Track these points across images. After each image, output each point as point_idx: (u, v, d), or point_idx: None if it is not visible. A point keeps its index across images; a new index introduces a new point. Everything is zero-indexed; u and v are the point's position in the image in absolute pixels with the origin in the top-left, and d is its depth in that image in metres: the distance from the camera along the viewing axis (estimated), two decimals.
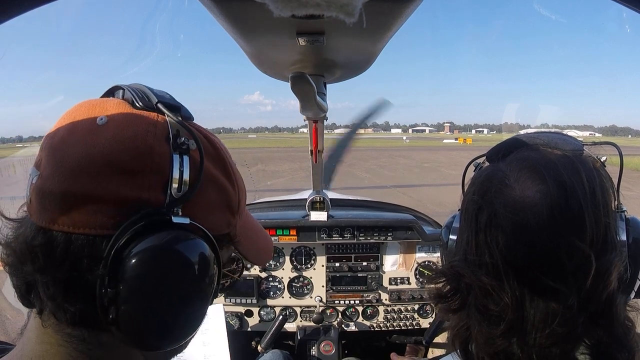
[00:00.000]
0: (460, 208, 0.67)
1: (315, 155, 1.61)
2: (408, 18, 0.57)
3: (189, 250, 0.46)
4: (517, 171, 0.59)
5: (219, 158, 0.53)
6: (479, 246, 0.59)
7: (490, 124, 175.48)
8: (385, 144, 61.98)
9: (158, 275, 0.44)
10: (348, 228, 1.88)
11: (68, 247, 0.43)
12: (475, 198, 0.62)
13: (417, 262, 1.97)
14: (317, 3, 0.39)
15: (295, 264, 1.94)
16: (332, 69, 0.81)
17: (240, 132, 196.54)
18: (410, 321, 1.98)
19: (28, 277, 0.45)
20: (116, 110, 0.47)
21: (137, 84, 0.52)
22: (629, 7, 0.48)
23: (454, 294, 0.63)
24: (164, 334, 0.46)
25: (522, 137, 0.66)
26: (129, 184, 0.44)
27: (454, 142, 76.72)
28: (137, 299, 0.43)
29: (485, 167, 0.67)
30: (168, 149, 0.46)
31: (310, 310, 1.97)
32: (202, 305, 0.49)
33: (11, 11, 0.44)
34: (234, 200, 0.54)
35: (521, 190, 0.57)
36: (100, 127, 0.45)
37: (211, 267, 0.48)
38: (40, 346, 0.47)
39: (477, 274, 0.58)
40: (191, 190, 0.46)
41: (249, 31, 0.60)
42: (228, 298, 1.91)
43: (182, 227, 0.45)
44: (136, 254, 0.42)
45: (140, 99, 0.49)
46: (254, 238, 0.62)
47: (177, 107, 0.50)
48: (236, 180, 0.55)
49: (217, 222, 0.52)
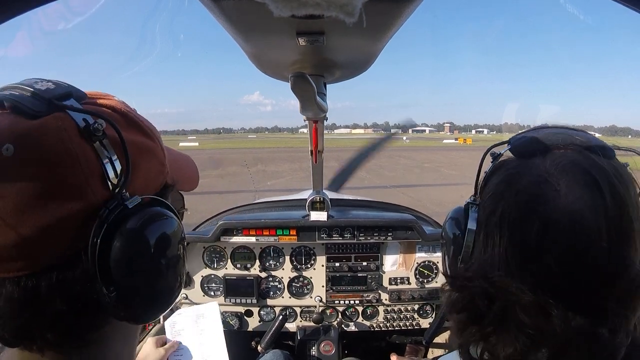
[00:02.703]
0: (481, 205, 0.60)
1: (315, 155, 1.61)
2: (408, 18, 0.57)
3: (156, 223, 0.49)
4: (569, 177, 0.53)
5: (129, 120, 0.52)
6: (526, 259, 0.53)
7: (490, 124, 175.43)
8: (385, 144, 61.85)
9: (144, 256, 0.47)
10: (348, 228, 1.88)
11: (51, 284, 0.42)
12: (519, 203, 0.54)
13: (417, 262, 1.97)
14: (317, 3, 0.39)
15: (295, 264, 1.94)
16: (332, 69, 0.81)
17: (240, 132, 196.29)
18: (410, 321, 1.98)
19: (22, 328, 0.44)
20: (14, 132, 0.41)
21: (8, 86, 0.46)
22: (629, 7, 0.48)
23: (491, 314, 0.54)
24: (167, 292, 0.52)
25: (557, 132, 0.60)
26: (73, 199, 0.43)
27: (454, 142, 76.69)
28: (132, 285, 0.46)
29: (520, 165, 0.58)
30: (87, 143, 0.44)
31: (310, 310, 1.97)
32: (182, 258, 0.54)
33: (11, 11, 0.44)
34: (159, 151, 0.55)
35: (576, 200, 0.51)
36: (9, 159, 0.40)
37: (177, 224, 0.52)
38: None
39: (523, 290, 0.51)
40: (126, 169, 0.46)
41: (249, 31, 0.60)
42: (228, 298, 1.91)
43: (138, 207, 0.47)
44: (116, 250, 0.44)
45: (30, 104, 0.43)
46: (180, 168, 0.64)
47: (67, 93, 0.46)
48: (152, 130, 0.55)
49: (155, 180, 0.54)
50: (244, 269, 1.93)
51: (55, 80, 0.48)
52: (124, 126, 0.50)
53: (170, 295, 0.53)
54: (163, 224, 0.50)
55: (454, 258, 0.65)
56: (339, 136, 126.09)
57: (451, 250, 0.66)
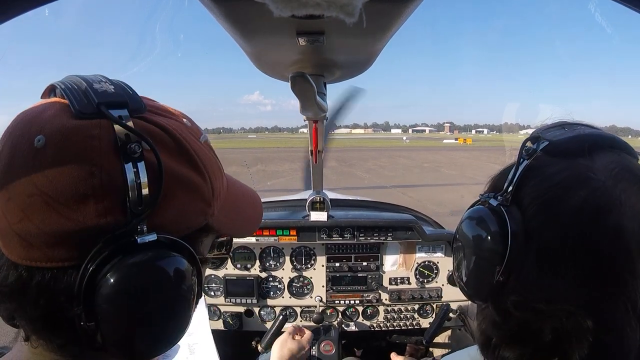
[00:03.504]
0: (522, 208, 0.53)
1: (315, 155, 1.61)
2: (408, 18, 0.57)
3: (159, 271, 0.43)
4: (624, 185, 0.49)
5: (181, 148, 0.47)
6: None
7: (490, 124, 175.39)
8: (385, 144, 61.94)
9: (133, 302, 0.42)
10: (348, 228, 1.88)
11: (40, 284, 0.41)
12: (584, 221, 0.48)
13: (417, 262, 1.97)
14: (317, 3, 0.39)
15: (295, 264, 1.94)
16: (332, 69, 0.81)
17: (240, 132, 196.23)
18: (410, 321, 1.98)
19: (10, 312, 0.45)
20: (52, 126, 0.41)
21: (74, 76, 0.46)
22: (629, 7, 0.48)
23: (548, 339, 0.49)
24: (152, 347, 0.46)
25: (590, 130, 0.56)
26: (83, 212, 0.40)
27: (454, 142, 76.69)
28: (117, 327, 0.42)
29: (570, 167, 0.52)
30: (118, 161, 0.41)
31: (311, 310, 1.97)
32: (185, 312, 0.47)
33: (11, 11, 0.44)
34: (206, 190, 0.49)
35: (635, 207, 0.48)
36: (38, 151, 0.40)
37: (187, 278, 0.46)
38: (36, 356, 0.46)
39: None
40: (153, 200, 0.42)
41: (249, 31, 0.60)
42: (228, 298, 1.91)
43: (149, 246, 0.42)
44: (106, 285, 0.40)
45: (78, 102, 0.42)
46: (238, 211, 0.58)
47: (122, 102, 0.44)
48: (205, 165, 0.49)
49: (191, 220, 0.48)
50: (244, 269, 1.93)
51: (121, 84, 0.46)
52: (171, 153, 0.46)
53: (151, 350, 0.46)
54: (165, 273, 0.43)
55: (487, 269, 0.54)
56: (339, 136, 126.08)
57: (481, 259, 0.56)
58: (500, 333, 0.54)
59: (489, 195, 0.58)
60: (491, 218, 0.55)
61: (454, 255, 0.65)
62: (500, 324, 0.53)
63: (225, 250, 0.60)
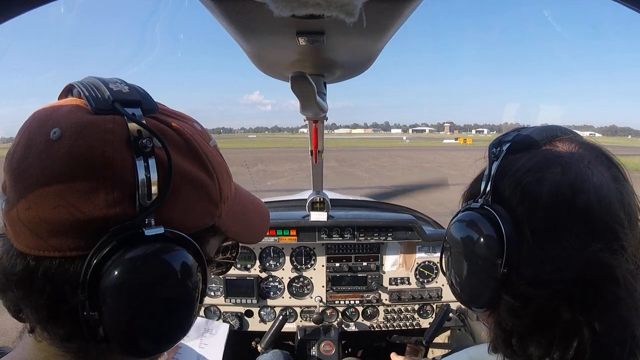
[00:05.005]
0: (506, 203, 0.55)
1: (315, 155, 1.61)
2: (408, 18, 0.57)
3: (165, 263, 0.44)
4: (594, 158, 0.56)
5: (190, 148, 0.49)
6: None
7: (490, 124, 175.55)
8: (385, 144, 61.94)
9: (137, 294, 0.42)
10: (348, 228, 1.88)
11: (46, 273, 0.42)
12: (565, 185, 0.52)
13: (417, 263, 1.97)
14: (317, 3, 0.39)
15: (295, 264, 1.94)
16: (332, 69, 0.81)
17: (240, 132, 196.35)
18: (410, 321, 1.98)
19: (15, 301, 0.45)
20: (68, 120, 0.43)
21: (91, 77, 0.48)
22: (629, 7, 0.48)
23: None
24: (154, 343, 0.46)
25: (545, 127, 0.62)
26: (93, 203, 0.41)
27: (454, 142, 76.72)
28: (120, 319, 0.42)
29: (539, 154, 0.56)
30: (130, 155, 0.42)
31: (311, 311, 1.97)
32: (189, 309, 0.48)
33: (11, 11, 0.44)
34: (214, 190, 0.50)
35: (602, 177, 0.54)
36: (53, 142, 0.42)
37: (193, 273, 0.46)
38: (39, 353, 0.47)
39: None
40: (162, 195, 0.43)
41: (249, 31, 0.60)
42: (228, 298, 1.91)
43: (156, 238, 0.43)
44: (112, 275, 0.41)
45: (94, 99, 0.44)
46: (245, 217, 0.59)
47: (136, 101, 0.46)
48: (213, 167, 0.51)
49: (198, 219, 0.49)
50: (244, 269, 1.93)
51: (136, 87, 0.48)
52: (182, 152, 0.47)
53: (151, 345, 0.46)
54: (170, 266, 0.44)
55: (488, 268, 0.55)
56: (339, 136, 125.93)
57: (480, 259, 0.57)
58: (521, 321, 0.54)
59: (469, 203, 0.61)
60: (479, 218, 0.57)
61: (447, 265, 0.67)
62: (519, 310, 0.53)
63: (231, 255, 0.61)
